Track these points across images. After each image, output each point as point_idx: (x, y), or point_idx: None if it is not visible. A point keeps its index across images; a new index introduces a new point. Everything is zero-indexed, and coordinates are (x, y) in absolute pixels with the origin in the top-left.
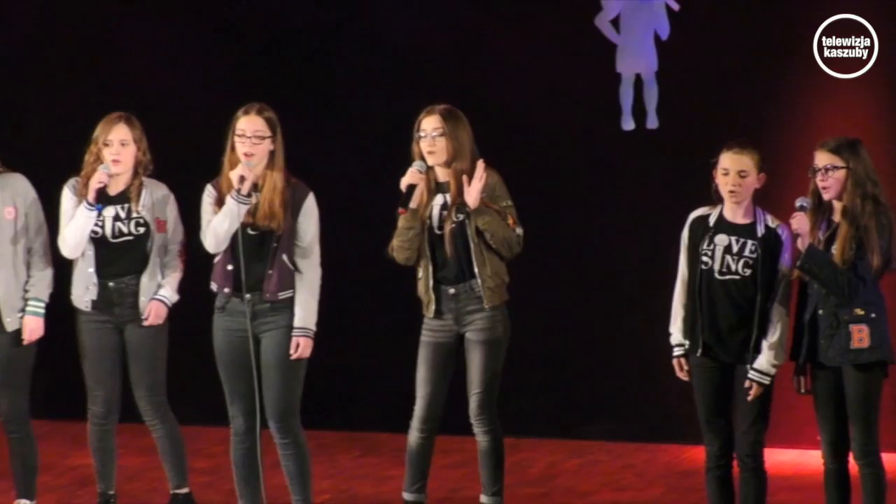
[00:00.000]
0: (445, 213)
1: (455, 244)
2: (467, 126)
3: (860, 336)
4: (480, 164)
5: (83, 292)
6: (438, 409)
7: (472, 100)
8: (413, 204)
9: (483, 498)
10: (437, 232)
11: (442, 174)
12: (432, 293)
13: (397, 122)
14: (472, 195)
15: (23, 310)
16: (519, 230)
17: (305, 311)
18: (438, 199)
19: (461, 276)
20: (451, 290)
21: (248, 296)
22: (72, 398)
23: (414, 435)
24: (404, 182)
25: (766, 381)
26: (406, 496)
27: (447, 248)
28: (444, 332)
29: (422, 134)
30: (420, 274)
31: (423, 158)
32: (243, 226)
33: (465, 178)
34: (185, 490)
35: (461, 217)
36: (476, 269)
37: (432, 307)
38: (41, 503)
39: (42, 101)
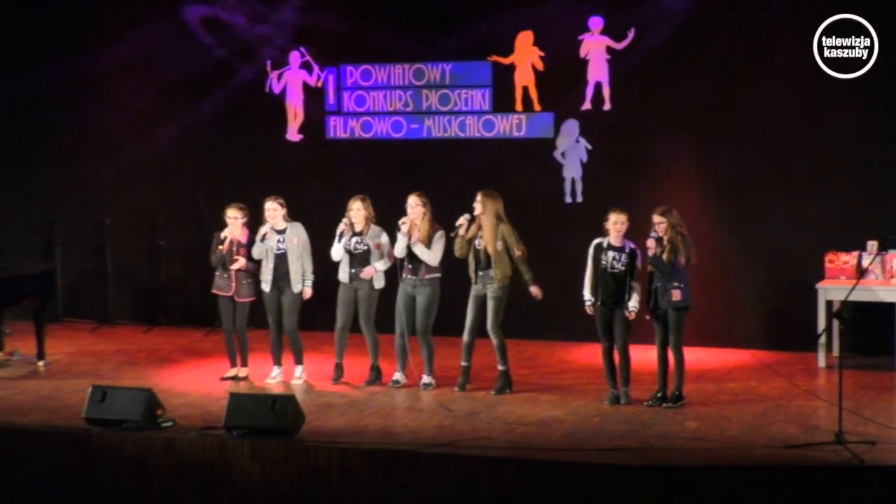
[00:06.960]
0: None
1: (486, 255)
2: (498, 197)
3: (676, 295)
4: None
5: (344, 274)
6: (478, 326)
7: (487, 184)
8: (462, 232)
9: (500, 366)
10: (478, 248)
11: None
12: (474, 273)
13: (460, 196)
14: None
15: (302, 283)
16: (525, 254)
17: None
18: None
19: (486, 267)
20: (481, 273)
21: (413, 277)
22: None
23: (466, 338)
24: (458, 223)
25: (631, 312)
26: (463, 363)
27: (482, 256)
28: (478, 291)
29: (476, 203)
30: (470, 263)
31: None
32: (409, 247)
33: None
34: (375, 362)
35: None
36: (493, 266)
37: (474, 279)
38: (317, 367)
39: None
